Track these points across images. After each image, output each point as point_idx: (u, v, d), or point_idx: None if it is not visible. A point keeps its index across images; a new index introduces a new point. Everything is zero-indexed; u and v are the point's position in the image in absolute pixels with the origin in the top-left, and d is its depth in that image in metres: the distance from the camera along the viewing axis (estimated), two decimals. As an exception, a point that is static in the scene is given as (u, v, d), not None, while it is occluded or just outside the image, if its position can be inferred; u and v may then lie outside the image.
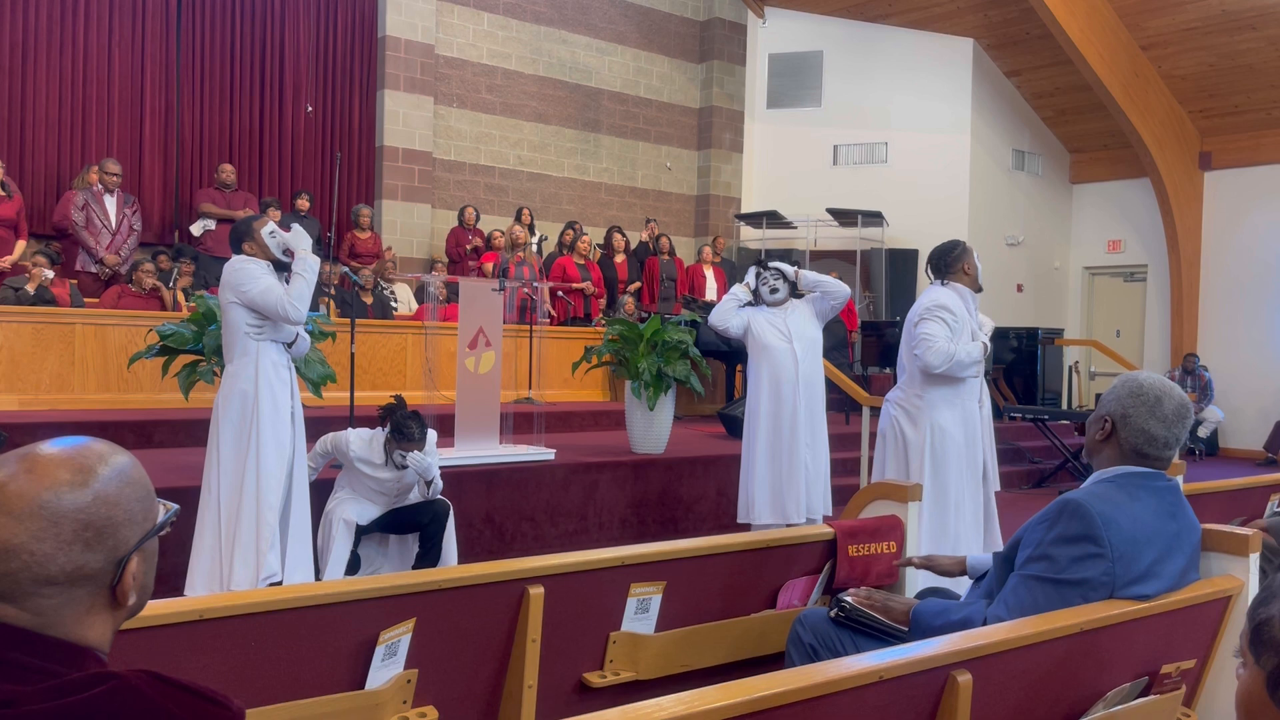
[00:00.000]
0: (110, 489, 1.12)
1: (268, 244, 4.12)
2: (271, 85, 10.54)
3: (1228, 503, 4.18)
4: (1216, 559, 2.48)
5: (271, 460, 4.01)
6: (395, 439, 4.49)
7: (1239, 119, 12.01)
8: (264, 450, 3.99)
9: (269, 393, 4.03)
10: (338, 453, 4.62)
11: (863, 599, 2.52)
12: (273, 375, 4.06)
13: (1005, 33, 12.42)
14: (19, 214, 7.96)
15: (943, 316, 4.33)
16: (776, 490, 5.29)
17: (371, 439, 4.59)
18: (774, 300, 5.39)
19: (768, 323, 5.35)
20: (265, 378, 4.03)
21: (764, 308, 5.42)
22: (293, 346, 4.23)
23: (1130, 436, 2.30)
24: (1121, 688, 2.24)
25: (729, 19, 13.64)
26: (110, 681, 1.05)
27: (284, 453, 4.07)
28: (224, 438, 4.02)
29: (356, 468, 4.56)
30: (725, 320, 5.40)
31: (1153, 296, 13.16)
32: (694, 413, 9.22)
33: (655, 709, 1.56)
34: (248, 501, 3.96)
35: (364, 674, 2.22)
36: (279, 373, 4.10)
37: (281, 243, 4.13)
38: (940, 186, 12.82)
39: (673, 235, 11.72)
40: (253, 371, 4.02)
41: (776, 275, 5.40)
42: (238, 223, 4.23)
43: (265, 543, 3.95)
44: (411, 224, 11.29)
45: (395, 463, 4.52)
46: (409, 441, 4.48)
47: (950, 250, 4.47)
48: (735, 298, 5.45)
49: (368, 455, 4.56)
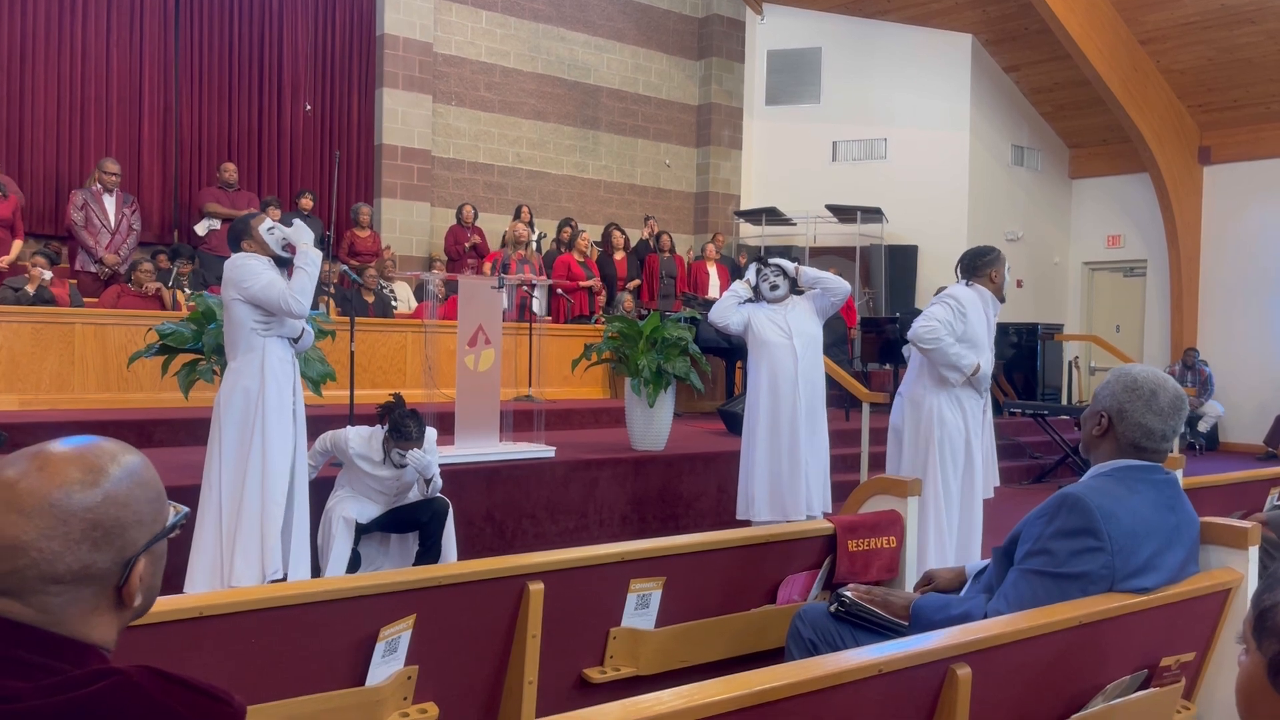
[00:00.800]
0: (120, 489, 1.12)
1: (266, 240, 4.12)
2: (270, 84, 10.54)
3: (1228, 497, 4.18)
4: (1216, 552, 2.48)
5: (276, 456, 4.01)
6: (394, 438, 4.48)
7: (1238, 113, 12.00)
8: (270, 446, 3.99)
9: (275, 388, 4.03)
10: (337, 451, 4.62)
11: (862, 594, 2.52)
12: (279, 371, 4.07)
13: (1004, 28, 12.41)
14: (15, 213, 7.95)
15: (952, 305, 4.46)
16: (776, 487, 5.29)
17: (371, 436, 4.59)
18: (774, 297, 5.40)
19: (768, 319, 5.36)
20: (272, 373, 4.04)
21: (764, 304, 5.43)
22: (299, 341, 4.23)
23: (1128, 431, 2.31)
24: (1121, 681, 2.24)
25: (727, 15, 13.63)
26: (112, 677, 1.05)
27: (287, 449, 4.07)
28: (226, 435, 4.02)
29: (357, 465, 4.57)
30: (725, 317, 5.40)
31: (1152, 291, 13.16)
32: (694, 410, 9.22)
33: (655, 703, 1.56)
34: (250, 498, 3.96)
35: (364, 670, 2.22)
36: (284, 368, 4.11)
37: (281, 238, 4.12)
38: (939, 182, 12.82)
39: (672, 232, 11.71)
40: (258, 368, 4.02)
41: (777, 271, 5.40)
42: (235, 221, 4.24)
43: (270, 539, 3.95)
44: (410, 222, 11.29)
45: (394, 461, 4.52)
46: (407, 440, 4.47)
47: (983, 255, 4.64)
48: (735, 294, 5.46)
49: (367, 453, 4.56)
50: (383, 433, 4.55)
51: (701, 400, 9.18)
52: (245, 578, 3.90)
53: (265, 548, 3.95)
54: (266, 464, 3.98)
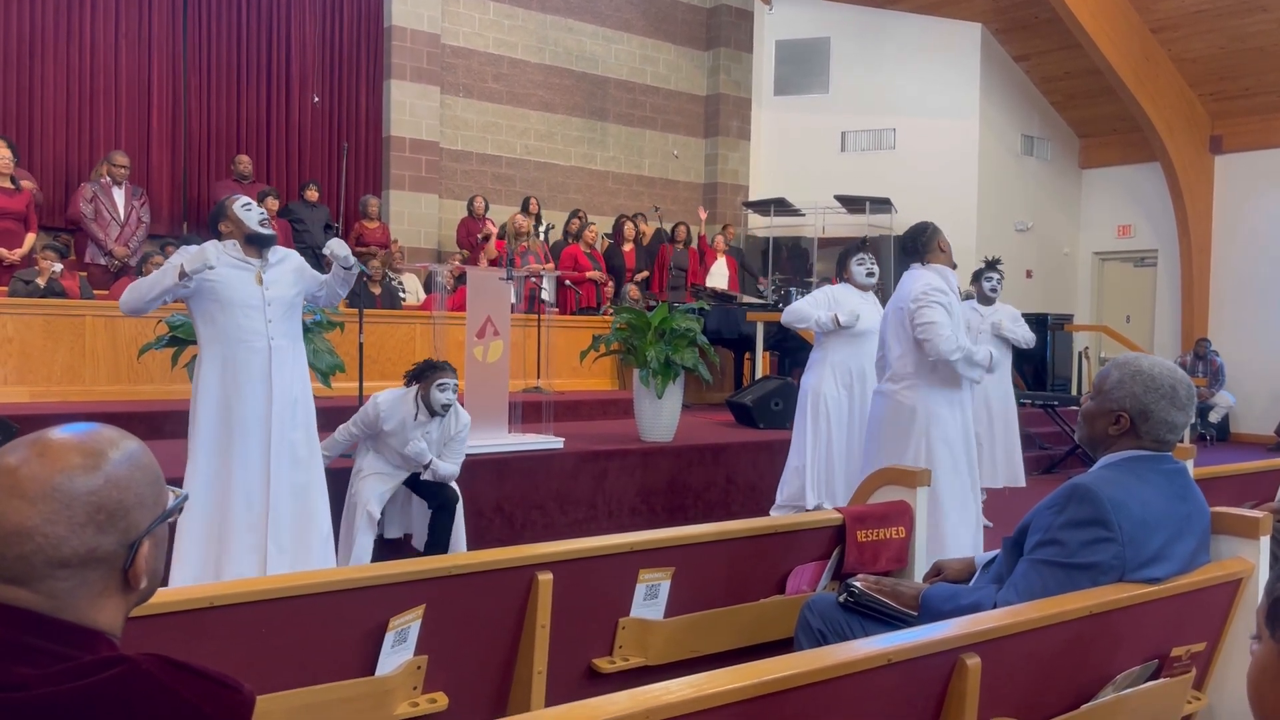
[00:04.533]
0: (121, 472, 1.13)
1: (242, 218, 3.94)
2: (278, 76, 10.55)
3: (1239, 487, 4.16)
4: (1227, 541, 2.47)
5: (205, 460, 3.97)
6: (430, 374, 4.50)
7: (1250, 102, 11.92)
8: (207, 450, 3.97)
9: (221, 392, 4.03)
10: (367, 427, 4.59)
11: (871, 584, 2.52)
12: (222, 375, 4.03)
13: (1013, 17, 12.34)
14: (29, 207, 7.98)
15: (941, 301, 4.22)
16: (851, 475, 5.39)
17: (403, 395, 4.58)
18: (866, 284, 5.81)
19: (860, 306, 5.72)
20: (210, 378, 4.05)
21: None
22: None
23: (1153, 429, 2.29)
24: (1131, 671, 2.24)
25: (736, 6, 13.58)
26: (122, 665, 1.06)
27: (238, 453, 3.97)
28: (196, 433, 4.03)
29: (385, 434, 4.54)
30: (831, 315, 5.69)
31: (1163, 281, 13.09)
32: (702, 401, 9.22)
33: (665, 692, 1.56)
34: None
35: (374, 660, 2.23)
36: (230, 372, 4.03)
37: (258, 217, 3.97)
38: (949, 172, 12.76)
39: (680, 223, 11.70)
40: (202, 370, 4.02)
41: (872, 260, 5.86)
42: (214, 206, 4.13)
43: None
44: (419, 214, 11.30)
45: (435, 406, 4.50)
46: (442, 371, 4.51)
47: (922, 231, 4.43)
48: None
49: (399, 411, 4.52)
50: (413, 392, 4.54)
51: (710, 391, 9.18)
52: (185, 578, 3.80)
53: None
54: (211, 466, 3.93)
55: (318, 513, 4.10)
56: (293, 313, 4.08)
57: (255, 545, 3.89)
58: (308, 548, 4.02)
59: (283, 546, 3.93)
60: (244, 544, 3.87)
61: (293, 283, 4.05)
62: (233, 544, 3.86)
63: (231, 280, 3.88)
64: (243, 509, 3.88)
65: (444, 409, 4.54)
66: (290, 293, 4.03)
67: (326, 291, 4.18)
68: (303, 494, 4.04)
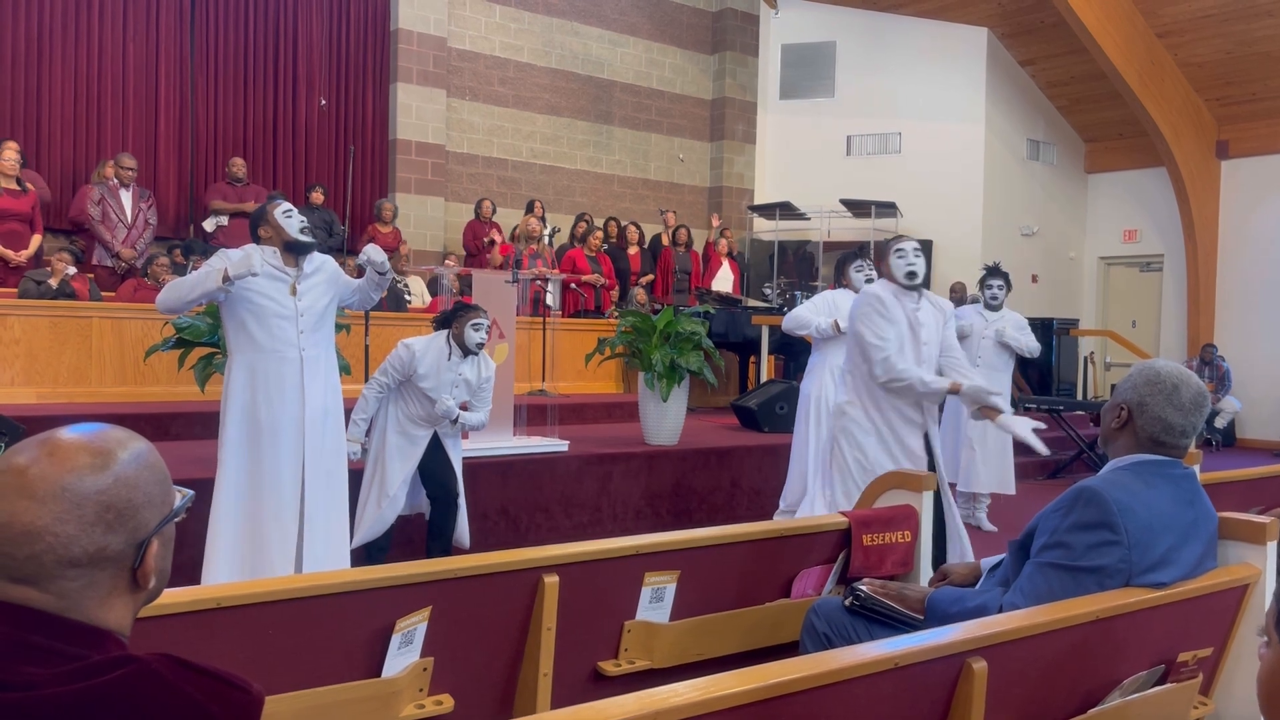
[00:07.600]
0: (129, 472, 1.13)
1: (282, 225, 3.96)
2: (285, 79, 10.57)
3: (1245, 492, 4.15)
4: (1234, 547, 2.47)
5: (235, 463, 3.99)
6: (463, 314, 4.60)
7: (1256, 106, 11.90)
8: (239, 455, 3.97)
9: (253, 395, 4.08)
10: (402, 368, 4.61)
11: (877, 588, 2.52)
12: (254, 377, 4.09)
13: (1019, 21, 12.34)
14: (35, 209, 8.00)
15: (879, 309, 4.14)
16: None
17: (433, 338, 4.65)
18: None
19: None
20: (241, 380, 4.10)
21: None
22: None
23: (1147, 425, 2.29)
24: (1138, 676, 2.23)
25: (741, 9, 13.59)
26: (131, 665, 1.06)
27: (266, 457, 3.99)
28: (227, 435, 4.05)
29: (419, 374, 4.57)
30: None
31: (1169, 286, 13.07)
32: (707, 404, 9.21)
33: (671, 695, 1.56)
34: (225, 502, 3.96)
35: (380, 662, 2.23)
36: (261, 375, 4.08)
37: (299, 224, 4.01)
38: (954, 177, 12.76)
39: (685, 227, 11.72)
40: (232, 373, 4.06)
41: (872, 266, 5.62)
42: (254, 211, 4.19)
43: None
44: (425, 217, 11.31)
45: (469, 345, 4.58)
46: (475, 312, 4.61)
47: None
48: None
49: (432, 351, 4.58)
50: (444, 334, 4.63)
51: (715, 395, 9.18)
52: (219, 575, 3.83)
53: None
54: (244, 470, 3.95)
55: (339, 522, 4.15)
56: (325, 322, 4.10)
57: (289, 555, 3.90)
58: (334, 558, 4.06)
59: (317, 556, 3.95)
60: (279, 554, 3.88)
61: (325, 292, 4.07)
62: (267, 552, 3.87)
63: (267, 290, 3.89)
64: (273, 518, 3.88)
65: (478, 347, 4.64)
66: (323, 302, 4.06)
67: (360, 297, 4.23)
68: (336, 504, 4.09)
